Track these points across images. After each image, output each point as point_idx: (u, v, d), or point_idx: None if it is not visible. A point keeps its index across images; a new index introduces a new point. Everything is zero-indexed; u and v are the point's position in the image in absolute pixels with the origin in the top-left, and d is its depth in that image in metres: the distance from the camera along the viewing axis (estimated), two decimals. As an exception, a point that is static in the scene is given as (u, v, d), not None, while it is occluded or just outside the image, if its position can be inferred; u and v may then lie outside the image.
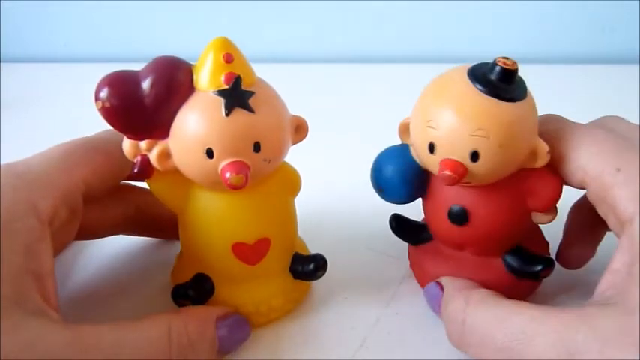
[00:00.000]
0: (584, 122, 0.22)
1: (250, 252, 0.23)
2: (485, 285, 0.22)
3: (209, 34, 0.21)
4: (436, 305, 0.23)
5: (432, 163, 0.21)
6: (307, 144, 0.25)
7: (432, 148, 0.21)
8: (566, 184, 0.21)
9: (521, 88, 0.20)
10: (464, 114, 0.20)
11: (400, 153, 0.23)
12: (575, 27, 0.57)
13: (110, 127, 0.20)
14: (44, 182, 0.20)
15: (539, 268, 0.22)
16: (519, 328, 0.18)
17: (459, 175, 0.20)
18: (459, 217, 0.22)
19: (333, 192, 0.33)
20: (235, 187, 0.20)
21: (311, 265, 0.24)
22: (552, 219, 0.22)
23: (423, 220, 0.25)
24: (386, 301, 0.25)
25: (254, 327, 0.24)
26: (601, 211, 0.20)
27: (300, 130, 0.23)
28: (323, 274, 0.24)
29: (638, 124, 0.21)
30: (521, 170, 0.21)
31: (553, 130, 0.21)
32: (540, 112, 0.22)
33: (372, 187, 0.24)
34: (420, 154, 0.22)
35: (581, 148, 0.20)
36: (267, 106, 0.21)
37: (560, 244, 0.25)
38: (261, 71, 0.22)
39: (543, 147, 0.20)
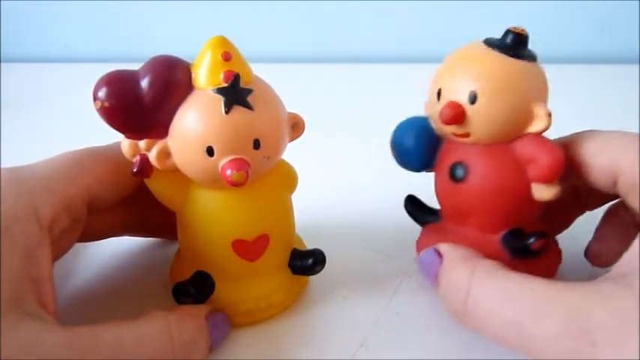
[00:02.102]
0: (583, 122, 0.22)
1: (250, 249, 0.23)
2: None
3: (209, 34, 0.21)
4: (431, 273, 0.22)
5: (437, 110, 0.22)
6: (307, 144, 0.25)
7: (439, 94, 0.22)
8: (596, 182, 0.21)
9: (531, 55, 0.22)
10: (468, 60, 0.22)
11: (418, 122, 0.24)
12: (575, 27, 0.57)
13: (113, 132, 0.20)
14: (47, 188, 0.20)
15: (531, 240, 0.22)
16: (531, 303, 0.18)
17: (457, 113, 0.21)
18: (458, 172, 0.23)
19: (333, 192, 0.33)
20: (236, 184, 0.20)
21: (310, 260, 0.24)
22: (554, 194, 0.21)
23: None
24: (386, 301, 0.25)
25: (255, 324, 0.24)
26: (632, 201, 0.20)
27: (296, 127, 0.23)
28: (322, 268, 0.24)
29: (638, 123, 0.21)
30: (524, 136, 0.21)
31: (584, 135, 0.22)
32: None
33: (371, 187, 0.24)
34: (430, 106, 0.23)
35: (612, 142, 0.20)
36: (265, 103, 0.21)
37: (591, 240, 0.24)
38: (261, 71, 0.22)
39: (544, 109, 0.21)
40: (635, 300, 0.16)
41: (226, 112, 0.20)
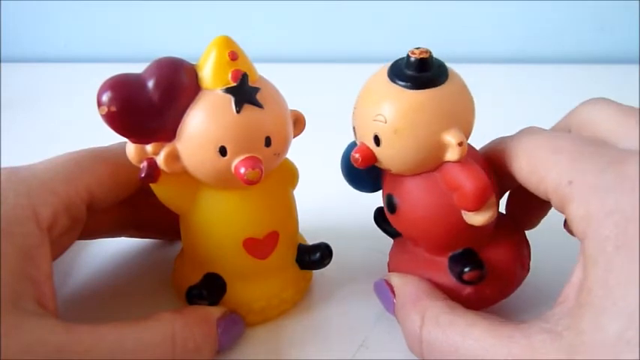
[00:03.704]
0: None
1: (261, 246, 0.23)
2: (433, 284, 0.22)
3: (209, 34, 0.21)
4: (388, 306, 0.23)
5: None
6: (307, 144, 0.25)
7: (354, 131, 0.22)
8: (539, 196, 0.20)
9: (437, 76, 0.20)
10: (370, 99, 0.21)
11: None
12: (575, 27, 0.57)
13: (113, 133, 0.20)
14: (47, 189, 0.20)
15: (466, 269, 0.21)
16: (472, 353, 0.19)
17: (365, 156, 0.21)
18: (389, 205, 0.23)
19: (333, 192, 0.33)
20: (251, 183, 0.20)
21: (317, 254, 0.25)
22: (488, 219, 0.20)
23: None
24: (386, 301, 0.25)
25: (267, 321, 0.24)
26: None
27: (298, 123, 0.23)
28: (329, 262, 0.25)
29: (638, 124, 0.21)
30: (445, 165, 0.21)
31: (521, 141, 0.21)
32: (541, 112, 0.22)
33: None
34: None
35: (538, 158, 0.20)
36: (272, 101, 0.21)
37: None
38: (261, 71, 0.22)
39: (455, 137, 0.20)
40: (564, 354, 0.16)
41: (237, 112, 0.20)
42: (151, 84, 0.19)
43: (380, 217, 0.26)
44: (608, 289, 0.16)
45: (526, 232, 0.25)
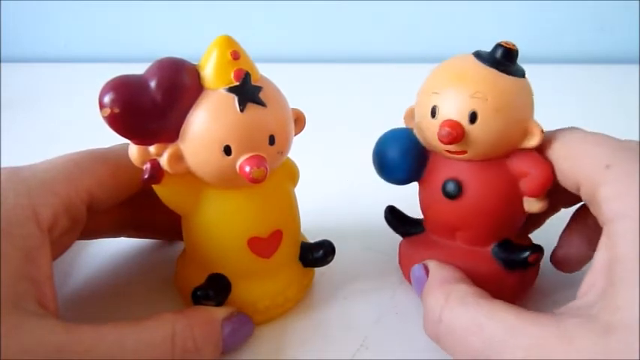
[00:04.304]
0: (583, 122, 0.22)
1: (265, 245, 0.23)
2: (474, 276, 0.22)
3: (209, 34, 0.21)
4: (419, 289, 0.23)
5: (432, 127, 0.22)
6: (307, 144, 0.25)
7: (434, 111, 0.22)
8: (564, 185, 0.21)
9: (520, 70, 0.22)
10: (465, 77, 0.21)
11: (404, 134, 0.24)
12: (575, 26, 0.57)
13: (113, 133, 0.20)
14: (47, 190, 0.20)
15: (527, 253, 0.22)
16: (495, 336, 0.18)
17: (458, 133, 0.21)
18: (454, 190, 0.23)
19: (333, 192, 0.33)
20: (257, 181, 0.20)
21: (320, 252, 0.25)
22: (543, 207, 0.22)
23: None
24: (386, 301, 0.25)
25: (271, 319, 0.24)
26: (593, 210, 0.20)
27: (298, 122, 0.23)
28: (332, 259, 0.25)
29: (638, 123, 0.21)
30: (516, 151, 0.22)
31: (559, 135, 0.21)
32: (541, 112, 0.22)
33: (371, 187, 0.24)
34: (421, 122, 0.22)
35: (578, 149, 0.20)
36: (275, 99, 0.21)
37: (556, 246, 0.24)
38: (261, 71, 0.22)
39: (537, 125, 0.21)
40: (599, 336, 0.16)
41: (241, 111, 0.20)
42: (153, 85, 0.19)
43: (391, 215, 0.26)
44: None
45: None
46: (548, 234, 0.25)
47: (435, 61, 0.23)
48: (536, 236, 0.25)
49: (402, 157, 0.23)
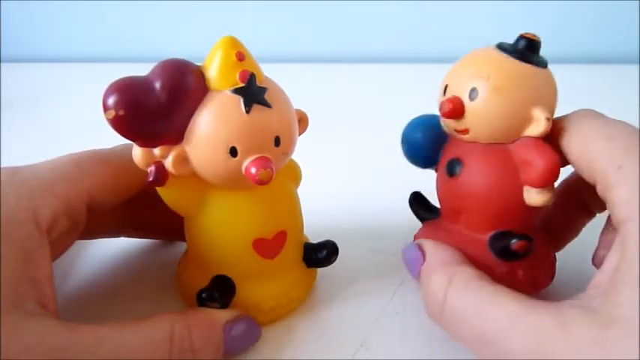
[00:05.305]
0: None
1: (270, 246, 0.23)
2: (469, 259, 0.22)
3: (209, 34, 0.21)
4: (414, 269, 0.23)
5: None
6: (307, 144, 0.25)
7: (445, 89, 0.23)
8: (586, 178, 0.20)
9: (542, 61, 0.22)
10: (476, 59, 0.22)
11: (431, 119, 0.24)
12: (575, 27, 0.57)
13: (113, 133, 0.20)
14: (47, 190, 0.20)
15: (513, 240, 0.22)
16: (496, 321, 0.18)
17: (456, 107, 0.21)
18: (454, 167, 0.23)
19: (333, 192, 0.33)
20: (263, 182, 0.20)
21: (324, 252, 0.25)
22: (546, 201, 0.21)
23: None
24: (386, 301, 0.25)
25: (275, 320, 0.24)
26: (609, 210, 0.20)
27: (302, 122, 0.23)
28: (336, 259, 0.25)
29: (638, 124, 0.21)
30: (523, 138, 0.21)
31: (576, 123, 0.21)
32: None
33: (371, 187, 0.24)
34: (438, 102, 0.23)
35: (590, 142, 0.20)
36: (279, 100, 0.21)
37: (597, 247, 0.24)
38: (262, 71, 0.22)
39: (544, 112, 0.21)
40: (597, 327, 0.16)
41: (247, 112, 0.20)
42: (157, 86, 0.19)
43: (415, 201, 0.27)
44: None
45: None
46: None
47: (435, 61, 0.24)
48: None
49: (422, 141, 0.24)
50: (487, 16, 0.57)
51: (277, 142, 0.21)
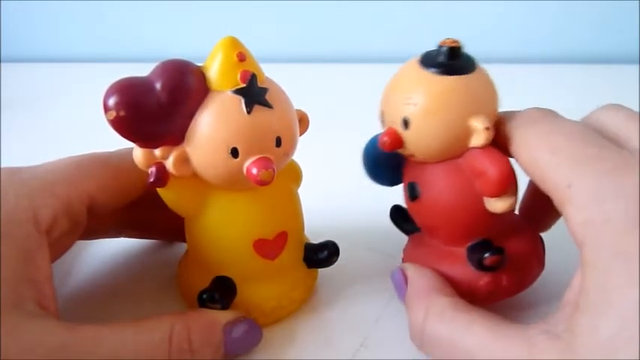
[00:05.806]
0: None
1: (271, 247, 0.23)
2: (450, 277, 0.23)
3: (209, 35, 0.21)
4: (400, 295, 0.23)
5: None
6: (306, 144, 0.25)
7: (382, 120, 0.23)
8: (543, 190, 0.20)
9: (467, 65, 0.21)
10: (400, 83, 0.22)
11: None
12: (575, 27, 0.57)
13: (114, 133, 0.20)
14: (47, 191, 0.20)
15: (486, 255, 0.22)
16: (470, 350, 0.19)
17: (393, 140, 0.21)
18: (412, 191, 0.23)
19: (333, 192, 0.33)
20: (264, 183, 0.20)
21: (325, 253, 0.25)
22: (510, 205, 0.21)
23: None
24: (386, 301, 0.25)
25: (277, 321, 0.24)
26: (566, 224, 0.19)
27: (302, 122, 0.23)
28: (337, 259, 0.25)
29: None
30: (471, 150, 0.21)
31: (522, 131, 0.20)
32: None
33: (371, 187, 0.24)
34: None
35: (539, 154, 0.19)
36: (280, 101, 0.21)
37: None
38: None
39: (482, 121, 0.20)
40: (559, 353, 0.17)
41: (248, 112, 0.20)
42: (158, 87, 0.19)
43: (396, 214, 0.26)
44: (604, 294, 0.16)
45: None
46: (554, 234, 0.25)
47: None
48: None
49: (380, 165, 0.24)
50: (487, 16, 0.57)
51: (278, 142, 0.21)
